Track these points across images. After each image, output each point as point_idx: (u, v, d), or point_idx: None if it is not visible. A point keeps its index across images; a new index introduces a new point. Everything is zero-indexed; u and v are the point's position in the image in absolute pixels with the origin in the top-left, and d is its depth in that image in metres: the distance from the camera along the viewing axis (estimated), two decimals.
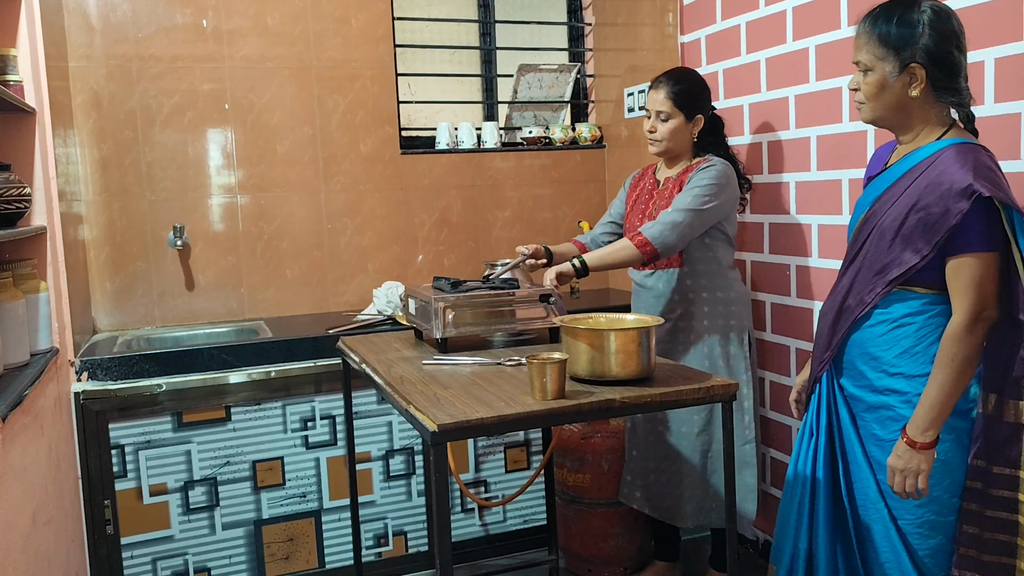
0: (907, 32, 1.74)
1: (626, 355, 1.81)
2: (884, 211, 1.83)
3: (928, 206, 1.72)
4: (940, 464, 1.78)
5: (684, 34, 3.19)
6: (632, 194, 2.75)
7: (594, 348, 1.82)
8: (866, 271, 1.86)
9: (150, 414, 2.67)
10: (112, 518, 2.65)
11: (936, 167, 1.74)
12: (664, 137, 2.58)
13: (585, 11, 3.88)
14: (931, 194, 1.72)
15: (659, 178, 2.69)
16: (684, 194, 2.48)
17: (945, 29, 1.74)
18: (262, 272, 3.28)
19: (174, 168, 3.16)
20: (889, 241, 1.80)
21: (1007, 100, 2.05)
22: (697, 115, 2.58)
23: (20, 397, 1.88)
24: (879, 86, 1.79)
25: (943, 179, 1.71)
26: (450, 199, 3.52)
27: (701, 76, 2.64)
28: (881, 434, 1.86)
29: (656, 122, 2.59)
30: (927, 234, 1.73)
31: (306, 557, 2.89)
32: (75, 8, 3.00)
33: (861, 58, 1.81)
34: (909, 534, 1.84)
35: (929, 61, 1.74)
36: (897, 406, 1.83)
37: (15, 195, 2.17)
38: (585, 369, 1.84)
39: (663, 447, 2.65)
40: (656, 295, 2.63)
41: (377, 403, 2.91)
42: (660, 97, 2.57)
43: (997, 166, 1.73)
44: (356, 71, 3.35)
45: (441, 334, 2.22)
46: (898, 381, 1.82)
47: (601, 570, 2.92)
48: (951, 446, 1.79)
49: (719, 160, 2.56)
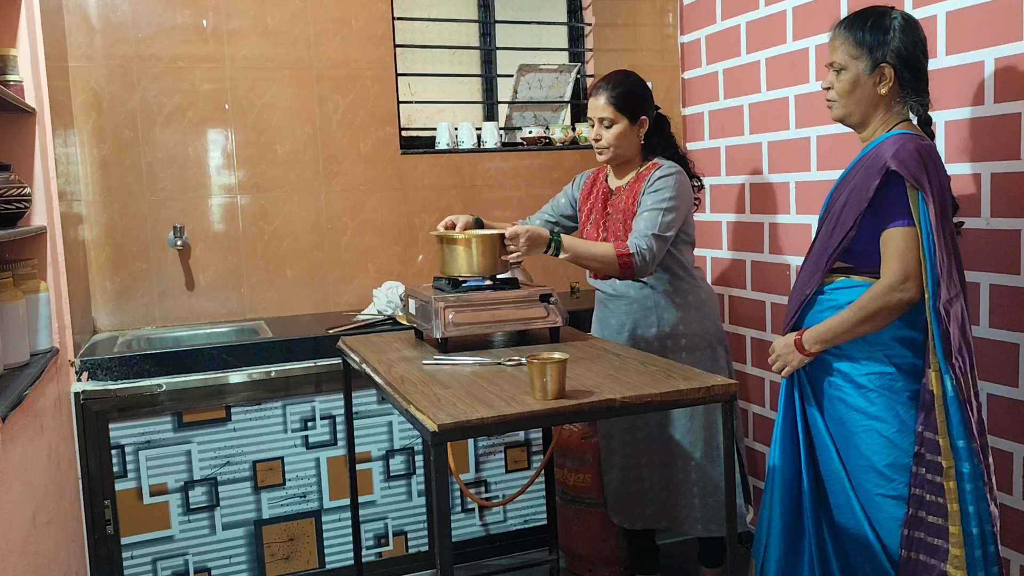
0: (880, 35, 1.91)
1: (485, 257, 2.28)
2: (835, 200, 2.00)
3: (856, 187, 1.91)
4: (883, 439, 1.92)
5: (684, 34, 3.19)
6: (585, 203, 2.70)
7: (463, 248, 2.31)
8: (813, 257, 2.03)
9: (150, 414, 2.67)
10: (112, 518, 2.65)
11: (873, 153, 1.91)
12: (610, 144, 2.51)
13: (585, 11, 3.88)
14: (863, 176, 1.90)
15: (611, 187, 2.62)
16: (645, 217, 2.40)
17: (913, 35, 1.92)
18: (262, 272, 3.28)
19: (174, 168, 3.16)
20: (830, 225, 1.97)
21: (1007, 100, 2.06)
22: (641, 117, 2.51)
23: (20, 397, 1.87)
24: (852, 84, 1.95)
25: (874, 162, 1.88)
26: (450, 199, 3.52)
27: (640, 77, 2.55)
28: (831, 411, 2.01)
29: (600, 129, 2.51)
30: (853, 212, 1.90)
31: (306, 557, 2.89)
32: (75, 8, 3.00)
33: (836, 58, 1.97)
34: (867, 506, 1.96)
35: (899, 62, 1.90)
36: (844, 386, 1.98)
37: (15, 195, 2.17)
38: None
39: (648, 456, 2.63)
40: (628, 302, 2.58)
41: (377, 403, 2.91)
42: (601, 103, 2.49)
43: (930, 156, 1.85)
44: (356, 71, 3.35)
45: (441, 334, 2.22)
46: (843, 363, 1.97)
47: (601, 570, 2.92)
48: (894, 425, 1.92)
49: (668, 164, 2.50)
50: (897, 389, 1.92)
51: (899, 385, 1.92)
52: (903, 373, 1.92)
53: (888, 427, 1.92)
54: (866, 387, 1.95)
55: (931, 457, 1.85)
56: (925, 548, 1.86)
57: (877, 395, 1.93)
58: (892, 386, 1.93)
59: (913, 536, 1.89)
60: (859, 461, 1.96)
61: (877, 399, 1.93)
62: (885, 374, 1.93)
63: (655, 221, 2.39)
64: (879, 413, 1.93)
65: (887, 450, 1.92)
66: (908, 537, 1.89)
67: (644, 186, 2.49)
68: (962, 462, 1.82)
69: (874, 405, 1.94)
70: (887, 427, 1.92)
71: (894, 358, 1.93)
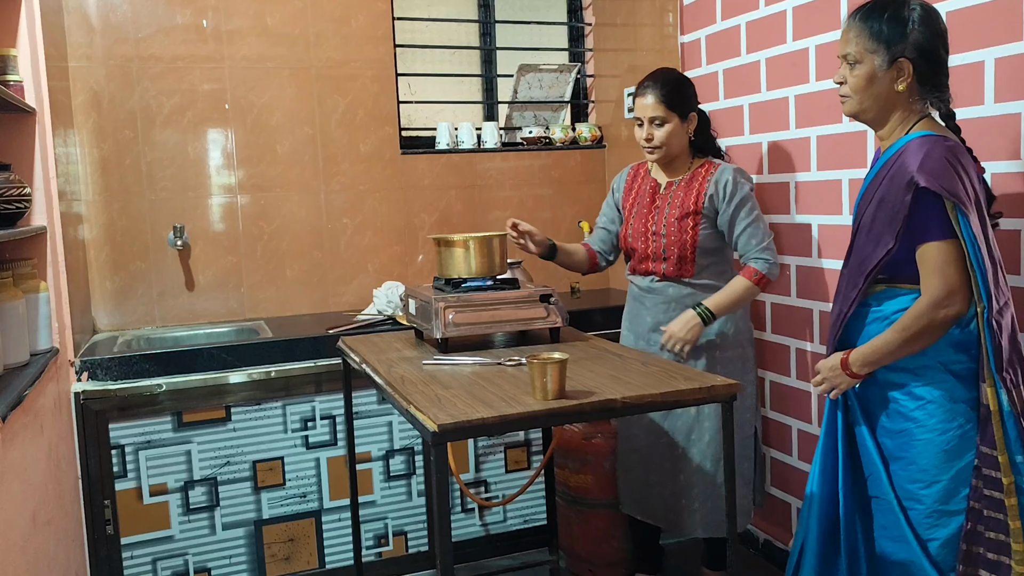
0: (898, 27, 1.80)
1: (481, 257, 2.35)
2: (863, 209, 1.90)
3: (887, 198, 1.81)
4: (943, 452, 1.82)
5: (684, 34, 3.19)
6: (627, 198, 2.70)
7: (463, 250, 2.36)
8: (852, 269, 1.93)
9: (150, 414, 2.67)
10: (112, 518, 2.65)
11: (899, 160, 1.81)
12: (663, 143, 2.51)
13: (585, 11, 3.88)
14: (891, 187, 1.80)
15: (659, 181, 2.63)
16: (748, 233, 2.47)
17: (933, 27, 1.81)
18: (262, 272, 3.28)
19: (174, 168, 3.16)
20: (865, 237, 1.88)
21: (1007, 100, 2.05)
22: (691, 113, 2.53)
23: (20, 397, 1.87)
24: (867, 79, 1.84)
25: (900, 172, 1.78)
26: (450, 199, 3.52)
27: (683, 73, 2.58)
28: (889, 426, 1.90)
29: (651, 128, 2.51)
30: (890, 226, 1.81)
31: (306, 557, 2.88)
32: (75, 8, 2.99)
33: (850, 51, 1.85)
34: (918, 524, 1.86)
35: (918, 56, 1.80)
36: (901, 399, 1.87)
37: (15, 195, 2.16)
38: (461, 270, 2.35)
39: (666, 456, 2.61)
40: (665, 300, 2.58)
41: (377, 403, 2.91)
42: (650, 102, 2.49)
43: (956, 158, 1.76)
44: (356, 71, 3.35)
45: (441, 334, 2.22)
46: (899, 375, 1.87)
47: (602, 571, 2.92)
48: (955, 435, 1.82)
49: (724, 165, 2.54)
50: (957, 398, 1.81)
51: (959, 394, 1.82)
52: (961, 381, 1.82)
53: (948, 439, 1.81)
54: (924, 399, 1.84)
55: (988, 472, 1.75)
56: (986, 564, 1.76)
57: (936, 406, 1.83)
58: (952, 395, 1.82)
59: (973, 551, 1.78)
60: (917, 476, 1.85)
61: (936, 410, 1.83)
62: (944, 383, 1.82)
63: (759, 233, 2.48)
64: (939, 425, 1.82)
65: (949, 463, 1.82)
66: (967, 552, 1.78)
67: (712, 190, 2.49)
68: (1022, 477, 1.72)
69: (933, 417, 1.83)
70: (947, 439, 1.81)
71: (950, 365, 1.82)
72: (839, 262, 2.59)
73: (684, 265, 2.53)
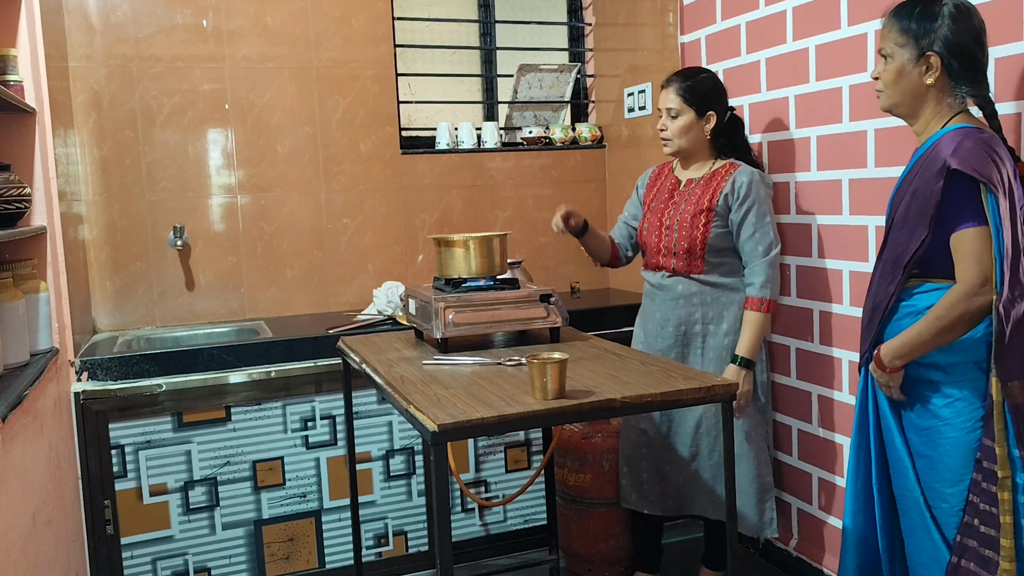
0: (927, 23, 1.83)
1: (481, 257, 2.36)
2: (897, 205, 1.90)
3: (920, 190, 1.81)
4: (970, 451, 1.81)
5: (684, 34, 3.19)
6: (649, 193, 2.72)
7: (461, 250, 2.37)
8: (887, 263, 1.92)
9: (150, 414, 2.67)
10: (112, 518, 2.65)
11: (933, 152, 1.81)
12: (675, 135, 2.55)
13: (585, 11, 3.88)
14: (924, 177, 1.81)
15: (680, 178, 2.65)
16: (754, 233, 2.48)
17: (965, 24, 1.82)
18: (262, 272, 3.28)
19: (174, 168, 3.16)
20: (899, 231, 1.88)
21: (1007, 100, 2.05)
22: (708, 112, 2.54)
23: (20, 397, 1.87)
24: (898, 73, 1.88)
25: (934, 162, 1.79)
26: (450, 199, 3.52)
27: (715, 75, 2.61)
28: (918, 423, 1.90)
29: (667, 120, 2.57)
30: (923, 216, 1.81)
31: (306, 557, 2.89)
32: (75, 8, 2.99)
33: (884, 46, 1.90)
34: (944, 523, 1.86)
35: (946, 51, 1.81)
36: (930, 395, 1.87)
37: (15, 195, 2.17)
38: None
39: (679, 445, 2.61)
40: (674, 296, 2.58)
41: (377, 403, 2.91)
42: (669, 95, 2.56)
43: (991, 147, 1.76)
44: (356, 71, 3.35)
45: (441, 334, 2.22)
46: (931, 372, 1.87)
47: (602, 570, 2.92)
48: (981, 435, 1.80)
49: (750, 170, 2.52)
50: (988, 395, 1.78)
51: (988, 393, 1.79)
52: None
53: (975, 438, 1.80)
54: (952, 396, 1.84)
55: (988, 465, 1.75)
56: (976, 558, 1.77)
57: (964, 404, 1.82)
58: (981, 393, 1.80)
59: (965, 544, 1.79)
60: (944, 475, 1.85)
61: (964, 408, 1.82)
62: (975, 381, 1.82)
63: (766, 240, 2.49)
64: (966, 424, 1.82)
65: (973, 462, 1.81)
66: (960, 544, 1.80)
67: (728, 189, 2.50)
68: (1018, 472, 1.71)
69: (961, 416, 1.82)
70: (974, 439, 1.81)
71: (983, 363, 1.81)
72: (839, 262, 2.59)
73: (693, 261, 2.53)
